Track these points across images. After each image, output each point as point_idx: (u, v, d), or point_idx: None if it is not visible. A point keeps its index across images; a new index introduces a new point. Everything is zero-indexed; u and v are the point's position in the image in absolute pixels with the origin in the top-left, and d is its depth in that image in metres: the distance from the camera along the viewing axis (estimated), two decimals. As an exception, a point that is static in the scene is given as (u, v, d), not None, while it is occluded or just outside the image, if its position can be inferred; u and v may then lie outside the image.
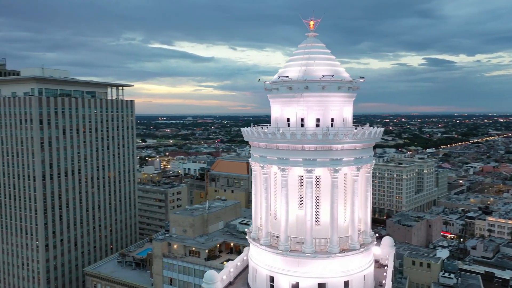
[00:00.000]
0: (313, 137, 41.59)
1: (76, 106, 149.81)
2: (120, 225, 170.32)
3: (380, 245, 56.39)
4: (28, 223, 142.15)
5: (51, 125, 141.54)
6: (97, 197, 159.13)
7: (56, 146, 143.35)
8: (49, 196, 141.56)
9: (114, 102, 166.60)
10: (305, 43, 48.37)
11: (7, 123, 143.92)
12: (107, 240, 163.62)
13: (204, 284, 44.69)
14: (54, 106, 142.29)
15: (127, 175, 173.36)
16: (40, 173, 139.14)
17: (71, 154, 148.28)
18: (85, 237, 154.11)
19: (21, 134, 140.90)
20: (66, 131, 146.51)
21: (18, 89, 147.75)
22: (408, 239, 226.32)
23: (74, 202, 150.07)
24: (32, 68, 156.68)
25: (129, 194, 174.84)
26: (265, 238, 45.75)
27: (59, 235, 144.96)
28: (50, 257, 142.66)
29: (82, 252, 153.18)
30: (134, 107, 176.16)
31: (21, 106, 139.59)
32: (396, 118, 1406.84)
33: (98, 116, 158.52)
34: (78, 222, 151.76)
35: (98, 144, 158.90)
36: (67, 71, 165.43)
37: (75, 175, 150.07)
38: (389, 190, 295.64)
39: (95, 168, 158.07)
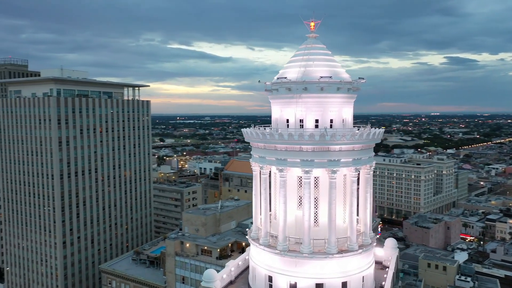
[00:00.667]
0: (310, 138, 41.78)
1: (93, 106, 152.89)
2: (136, 224, 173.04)
3: (383, 247, 56.13)
4: (46, 220, 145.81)
5: (68, 124, 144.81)
6: (113, 196, 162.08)
7: (73, 146, 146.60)
8: (66, 194, 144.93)
9: (130, 103, 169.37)
10: (305, 44, 48.56)
11: (27, 123, 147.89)
12: (123, 238, 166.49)
13: (204, 282, 45.41)
14: (72, 106, 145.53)
15: (142, 174, 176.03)
16: (58, 171, 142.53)
17: (88, 153, 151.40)
18: (101, 234, 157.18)
19: (40, 134, 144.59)
20: (83, 131, 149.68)
21: (37, 89, 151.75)
22: (426, 241, 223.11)
23: (91, 200, 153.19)
24: (51, 69, 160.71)
25: (144, 193, 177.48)
26: (264, 238, 46.15)
27: (76, 233, 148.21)
28: (68, 254, 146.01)
29: (99, 249, 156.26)
30: (150, 107, 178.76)
31: (40, 106, 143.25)
32: (416, 118, 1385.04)
33: (114, 116, 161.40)
34: (95, 220, 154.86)
35: (114, 144, 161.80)
36: (85, 72, 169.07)
37: (92, 174, 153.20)
38: (406, 191, 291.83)
39: (112, 167, 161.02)
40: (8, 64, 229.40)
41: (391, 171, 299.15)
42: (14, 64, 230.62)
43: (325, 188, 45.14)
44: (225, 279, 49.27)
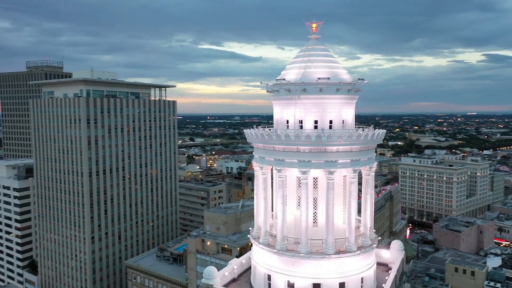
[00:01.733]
0: (307, 139, 42.09)
1: (121, 107, 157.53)
2: (162, 221, 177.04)
3: (390, 249, 55.54)
4: (76, 216, 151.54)
5: (97, 124, 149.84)
6: (140, 194, 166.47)
7: (102, 144, 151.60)
8: (95, 192, 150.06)
9: (157, 103, 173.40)
10: (306, 46, 48.82)
11: (59, 122, 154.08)
12: (149, 234, 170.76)
13: (204, 279, 46.53)
14: (101, 106, 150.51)
15: (168, 173, 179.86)
16: (87, 169, 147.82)
17: (115, 152, 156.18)
18: (128, 231, 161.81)
19: (70, 133, 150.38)
20: (111, 130, 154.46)
21: (69, 90, 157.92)
22: (456, 245, 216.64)
23: (118, 198, 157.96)
24: (82, 71, 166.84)
25: (170, 191, 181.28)
26: (264, 237, 46.79)
27: (104, 228, 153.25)
28: (96, 249, 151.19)
29: (125, 245, 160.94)
30: (176, 107, 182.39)
31: (71, 107, 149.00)
32: (451, 118, 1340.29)
33: (141, 116, 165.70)
34: (122, 216, 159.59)
35: (141, 143, 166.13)
36: (114, 73, 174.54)
37: (119, 172, 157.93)
38: (438, 194, 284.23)
39: (138, 165, 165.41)
40: (44, 66, 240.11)
41: (421, 173, 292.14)
42: (50, 66, 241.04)
43: (324, 189, 45.30)
44: (227, 277, 50.25)
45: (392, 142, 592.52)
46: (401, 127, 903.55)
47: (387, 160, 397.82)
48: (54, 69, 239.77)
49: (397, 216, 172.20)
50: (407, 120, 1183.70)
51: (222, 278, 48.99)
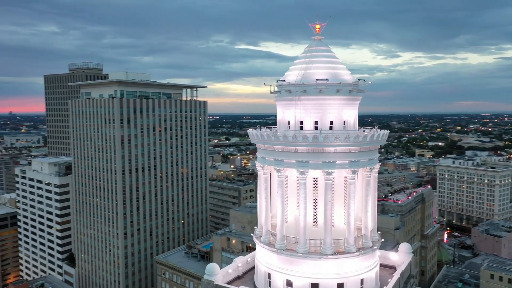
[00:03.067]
0: (304, 140, 42.41)
1: (153, 107, 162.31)
2: (192, 219, 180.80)
3: (398, 251, 54.67)
4: (110, 212, 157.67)
5: (130, 124, 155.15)
6: (171, 192, 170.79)
7: (134, 143, 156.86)
8: (127, 189, 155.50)
9: (188, 103, 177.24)
10: (309, 47, 49.04)
11: (95, 122, 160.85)
12: (180, 232, 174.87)
13: (206, 276, 47.79)
14: (133, 106, 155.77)
15: (199, 172, 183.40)
16: (120, 167, 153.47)
17: (147, 151, 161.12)
18: (159, 228, 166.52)
19: (105, 132, 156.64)
20: (143, 130, 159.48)
21: (104, 91, 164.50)
22: (497, 251, 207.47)
23: (150, 195, 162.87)
24: (117, 72, 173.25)
25: (201, 190, 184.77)
26: (265, 236, 47.47)
27: (136, 225, 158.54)
28: (128, 244, 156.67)
29: (157, 241, 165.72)
30: (207, 108, 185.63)
31: (105, 107, 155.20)
32: (498, 118, 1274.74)
33: (173, 116, 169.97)
34: (153, 213, 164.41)
35: (172, 142, 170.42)
36: (148, 74, 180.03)
37: (151, 170, 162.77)
38: (478, 197, 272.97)
39: (169, 164, 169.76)
40: (85, 68, 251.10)
41: (461, 175, 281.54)
42: (90, 68, 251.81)
43: (323, 189, 45.35)
44: (231, 274, 51.32)
45: (432, 142, 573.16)
46: (443, 127, 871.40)
47: (425, 162, 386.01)
48: (94, 71, 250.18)
49: (429, 219, 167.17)
50: (449, 120, 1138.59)
51: (226, 275, 50.15)
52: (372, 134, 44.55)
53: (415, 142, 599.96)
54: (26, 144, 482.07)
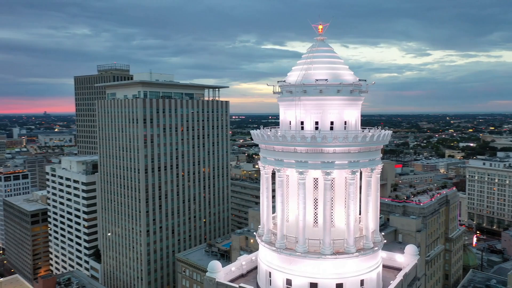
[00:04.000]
0: (302, 140, 42.62)
1: (175, 107, 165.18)
2: (214, 218, 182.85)
3: (404, 253, 53.98)
4: (133, 210, 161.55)
5: (153, 123, 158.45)
6: (193, 190, 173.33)
7: (157, 143, 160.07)
8: (150, 187, 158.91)
9: (210, 103, 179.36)
10: (311, 47, 49.15)
11: (119, 122, 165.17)
12: (201, 230, 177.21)
13: (208, 273, 48.69)
14: (156, 107, 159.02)
15: (221, 171, 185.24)
16: (143, 166, 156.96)
17: (170, 150, 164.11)
18: (181, 226, 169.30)
19: (129, 132, 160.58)
20: (166, 129, 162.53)
21: (128, 92, 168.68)
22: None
23: (172, 194, 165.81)
24: (142, 73, 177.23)
25: (222, 189, 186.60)
26: (266, 235, 47.94)
27: (158, 223, 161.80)
28: (151, 242, 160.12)
29: (178, 239, 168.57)
30: (229, 108, 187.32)
31: (129, 107, 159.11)
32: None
33: (195, 116, 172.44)
34: (175, 212, 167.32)
35: (194, 142, 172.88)
36: (171, 75, 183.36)
37: (173, 169, 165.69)
38: (511, 200, 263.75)
39: (191, 163, 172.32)
40: (113, 69, 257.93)
41: (492, 176, 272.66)
42: (118, 69, 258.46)
43: (323, 190, 45.40)
44: (235, 272, 52.04)
45: (463, 143, 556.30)
46: (475, 127, 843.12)
47: (455, 163, 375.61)
48: (121, 72, 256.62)
49: (454, 222, 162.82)
50: (482, 120, 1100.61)
51: (229, 273, 50.92)
52: (372, 134, 44.30)
53: (445, 142, 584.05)
54: (59, 143, 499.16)
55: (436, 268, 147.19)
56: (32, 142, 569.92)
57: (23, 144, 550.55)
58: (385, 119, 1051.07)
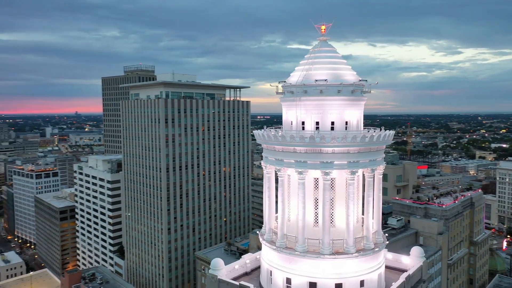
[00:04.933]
0: (301, 140, 42.83)
1: (197, 107, 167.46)
2: (234, 217, 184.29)
3: (410, 255, 53.26)
4: (155, 208, 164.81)
5: (174, 123, 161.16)
6: (213, 190, 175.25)
7: (178, 142, 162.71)
8: (172, 186, 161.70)
9: (231, 103, 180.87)
10: (313, 48, 49.25)
11: (142, 121, 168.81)
12: (222, 229, 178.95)
13: (210, 270, 49.50)
14: (178, 107, 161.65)
15: (242, 171, 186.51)
16: (165, 165, 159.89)
17: (191, 149, 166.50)
18: (202, 224, 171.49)
19: (151, 131, 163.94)
20: (187, 129, 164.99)
21: (151, 92, 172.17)
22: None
23: (193, 193, 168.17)
24: (165, 74, 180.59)
25: (243, 189, 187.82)
26: (268, 234, 48.38)
27: (179, 221, 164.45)
28: (172, 240, 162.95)
29: (199, 238, 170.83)
30: (250, 108, 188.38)
31: (152, 107, 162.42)
32: None
33: (216, 116, 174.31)
34: (196, 210, 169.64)
35: (215, 141, 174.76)
36: (193, 76, 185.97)
37: (194, 168, 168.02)
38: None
39: (212, 163, 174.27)
40: (139, 70, 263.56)
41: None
42: (143, 70, 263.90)
43: (322, 189, 45.47)
44: (238, 270, 52.67)
45: (496, 144, 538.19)
46: (508, 127, 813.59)
47: (485, 164, 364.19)
48: (146, 72, 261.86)
49: (479, 225, 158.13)
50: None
51: (232, 270, 51.62)
52: (371, 135, 44.04)
53: (476, 143, 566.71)
54: (89, 143, 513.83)
55: (459, 272, 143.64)
56: (64, 141, 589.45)
57: (55, 143, 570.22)
58: (413, 119, 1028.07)
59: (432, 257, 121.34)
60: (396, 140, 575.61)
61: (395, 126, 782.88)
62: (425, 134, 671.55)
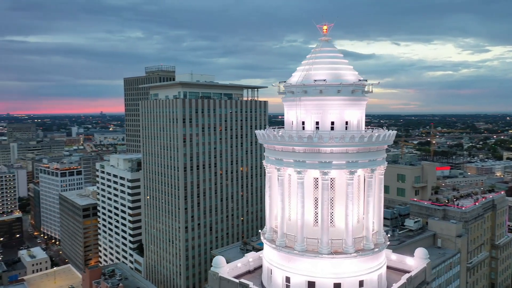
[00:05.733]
0: (299, 139, 43.00)
1: (214, 107, 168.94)
2: (251, 216, 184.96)
3: (414, 256, 52.60)
4: (173, 207, 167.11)
5: (192, 123, 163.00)
6: (231, 189, 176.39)
7: (196, 142, 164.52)
8: (189, 185, 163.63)
9: (249, 103, 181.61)
10: (315, 48, 49.27)
11: (161, 121, 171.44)
12: (239, 228, 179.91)
13: (212, 267, 50.21)
14: (195, 107, 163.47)
15: (259, 170, 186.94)
16: (182, 164, 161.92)
17: (208, 149, 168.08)
18: (219, 223, 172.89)
19: (169, 131, 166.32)
20: (204, 129, 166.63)
21: (169, 93, 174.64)
22: None
23: (210, 192, 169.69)
24: (183, 74, 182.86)
25: (260, 189, 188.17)
26: (269, 233, 48.72)
27: (196, 220, 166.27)
28: (189, 238, 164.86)
29: (216, 237, 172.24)
30: (267, 107, 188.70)
31: (170, 107, 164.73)
32: None
33: (233, 116, 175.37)
34: (213, 209, 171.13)
35: (232, 141, 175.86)
36: (212, 76, 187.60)
37: (211, 168, 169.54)
38: None
39: (229, 162, 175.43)
40: (159, 70, 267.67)
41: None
42: (164, 70, 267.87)
43: (321, 189, 45.52)
44: (241, 268, 53.22)
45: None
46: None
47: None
48: (167, 73, 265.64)
49: (502, 228, 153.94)
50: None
51: (235, 268, 52.21)
52: (370, 135, 43.81)
53: (503, 144, 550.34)
54: (112, 142, 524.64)
55: (480, 276, 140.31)
56: (89, 140, 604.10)
57: (81, 142, 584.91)
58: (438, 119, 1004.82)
59: (450, 260, 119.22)
60: (419, 140, 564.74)
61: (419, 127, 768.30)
62: (450, 135, 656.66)
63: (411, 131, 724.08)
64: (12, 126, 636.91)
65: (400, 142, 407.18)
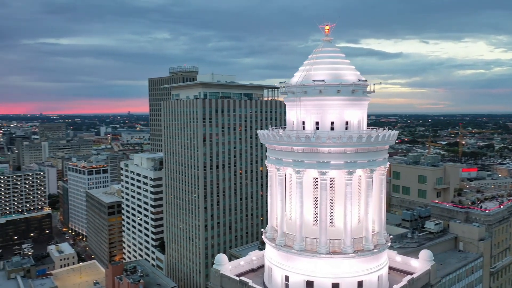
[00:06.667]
0: (297, 139, 43.10)
1: (234, 107, 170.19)
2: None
3: (418, 258, 51.78)
4: (193, 205, 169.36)
5: (212, 123, 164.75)
6: (250, 189, 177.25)
7: (216, 142, 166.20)
8: (209, 184, 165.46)
9: (268, 103, 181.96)
10: (316, 48, 49.23)
11: (182, 121, 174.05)
12: (258, 228, 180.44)
13: (214, 265, 50.92)
14: (215, 107, 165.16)
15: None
16: (202, 164, 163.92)
17: (228, 149, 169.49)
18: (238, 223, 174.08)
19: (190, 131, 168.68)
20: (224, 129, 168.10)
21: (190, 93, 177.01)
22: None
23: (230, 191, 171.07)
24: (205, 75, 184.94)
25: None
26: (270, 232, 49.02)
27: (216, 218, 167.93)
28: (209, 236, 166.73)
29: (235, 236, 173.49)
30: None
31: (190, 107, 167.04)
32: None
33: (253, 116, 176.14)
34: (233, 209, 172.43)
35: (252, 141, 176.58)
36: (233, 76, 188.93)
37: (231, 167, 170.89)
38: None
39: (249, 162, 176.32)
40: (183, 71, 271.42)
41: None
42: (187, 71, 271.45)
43: (319, 189, 45.48)
44: (244, 266, 53.71)
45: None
46: None
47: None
48: (190, 73, 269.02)
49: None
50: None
51: (238, 266, 52.76)
52: (369, 135, 43.47)
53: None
54: (139, 141, 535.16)
55: (504, 281, 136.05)
56: (116, 139, 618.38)
57: (108, 141, 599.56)
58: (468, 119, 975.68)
59: (472, 263, 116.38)
60: (448, 141, 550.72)
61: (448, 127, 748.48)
62: (481, 135, 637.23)
63: (440, 132, 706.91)
64: (44, 126, 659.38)
65: (426, 142, 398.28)
